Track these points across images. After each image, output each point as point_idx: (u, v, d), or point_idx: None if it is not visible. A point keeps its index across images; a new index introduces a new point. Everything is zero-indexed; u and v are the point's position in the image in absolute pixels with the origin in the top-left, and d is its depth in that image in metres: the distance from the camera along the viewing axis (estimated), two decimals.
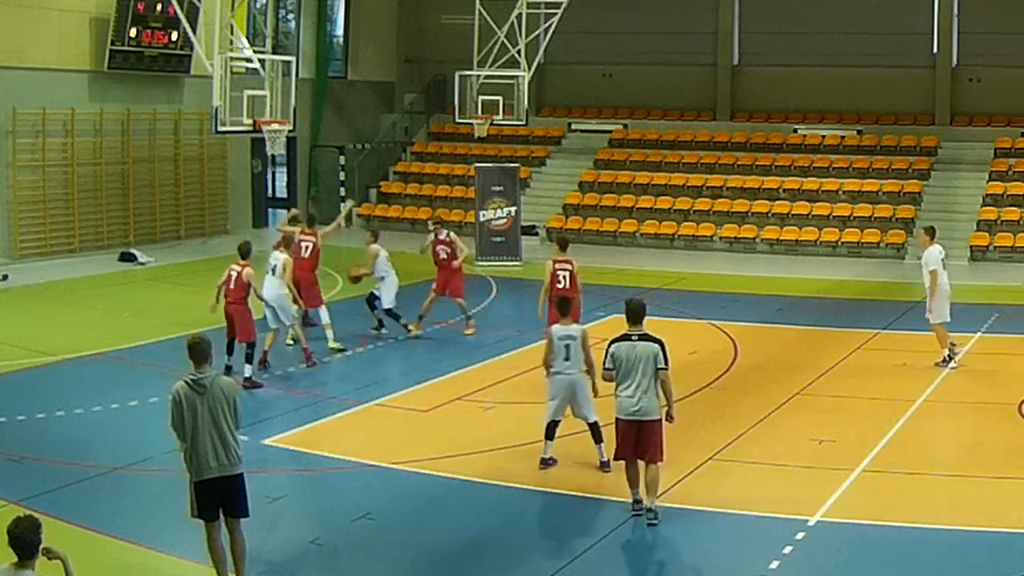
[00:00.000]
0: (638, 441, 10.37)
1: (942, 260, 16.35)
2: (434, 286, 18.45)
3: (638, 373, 10.32)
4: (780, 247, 28.55)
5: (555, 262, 15.74)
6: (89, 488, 11.13)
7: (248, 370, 15.12)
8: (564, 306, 12.18)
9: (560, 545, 9.84)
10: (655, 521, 10.23)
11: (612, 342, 10.55)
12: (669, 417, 10.56)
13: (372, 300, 18.32)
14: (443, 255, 18.38)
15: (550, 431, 11.93)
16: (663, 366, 10.37)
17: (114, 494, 11.05)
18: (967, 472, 11.69)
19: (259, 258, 16.31)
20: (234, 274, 15.18)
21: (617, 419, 10.52)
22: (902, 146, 30.47)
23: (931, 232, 16.59)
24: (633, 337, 10.48)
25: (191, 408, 8.54)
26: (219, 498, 8.67)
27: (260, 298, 15.59)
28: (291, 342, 16.97)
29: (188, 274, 24.22)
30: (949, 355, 16.05)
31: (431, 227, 18.99)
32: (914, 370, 16.05)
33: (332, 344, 17.18)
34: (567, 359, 11.67)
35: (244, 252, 15.38)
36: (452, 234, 18.62)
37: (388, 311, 18.06)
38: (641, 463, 10.44)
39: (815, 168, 30.56)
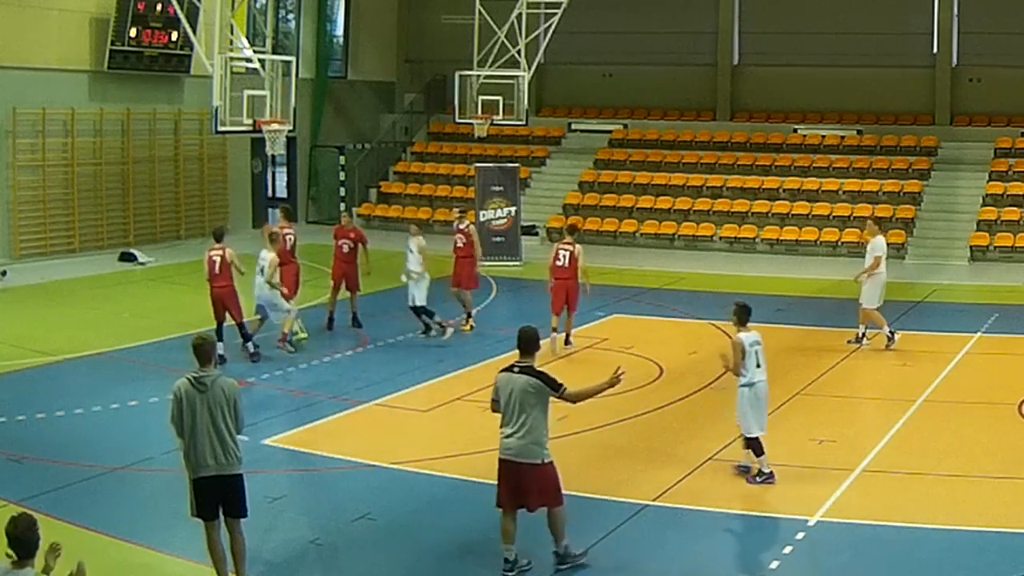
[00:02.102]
0: (517, 487, 9.17)
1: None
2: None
3: (513, 409, 9.13)
4: (780, 247, 28.55)
5: (559, 244, 17.13)
6: (89, 488, 11.13)
7: (252, 346, 16.11)
8: (744, 313, 11.39)
9: None
10: (564, 567, 9.29)
11: (501, 371, 9.54)
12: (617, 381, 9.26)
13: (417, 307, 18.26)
14: (459, 243, 18.79)
15: (759, 447, 11.31)
16: (555, 392, 9.15)
17: (114, 494, 11.05)
18: (967, 472, 11.68)
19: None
20: (217, 259, 15.66)
21: (499, 459, 9.32)
22: (902, 146, 30.48)
23: (879, 222, 18.22)
24: (515, 369, 9.32)
25: (191, 406, 8.55)
26: (217, 497, 8.67)
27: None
28: (302, 336, 17.32)
29: (188, 274, 24.16)
30: (890, 332, 17.22)
31: (456, 215, 19.70)
32: (914, 370, 16.06)
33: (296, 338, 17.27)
34: (758, 365, 11.28)
35: (219, 235, 16.24)
36: (471, 227, 19.19)
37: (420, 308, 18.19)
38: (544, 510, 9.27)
39: (815, 168, 30.56)
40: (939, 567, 9.39)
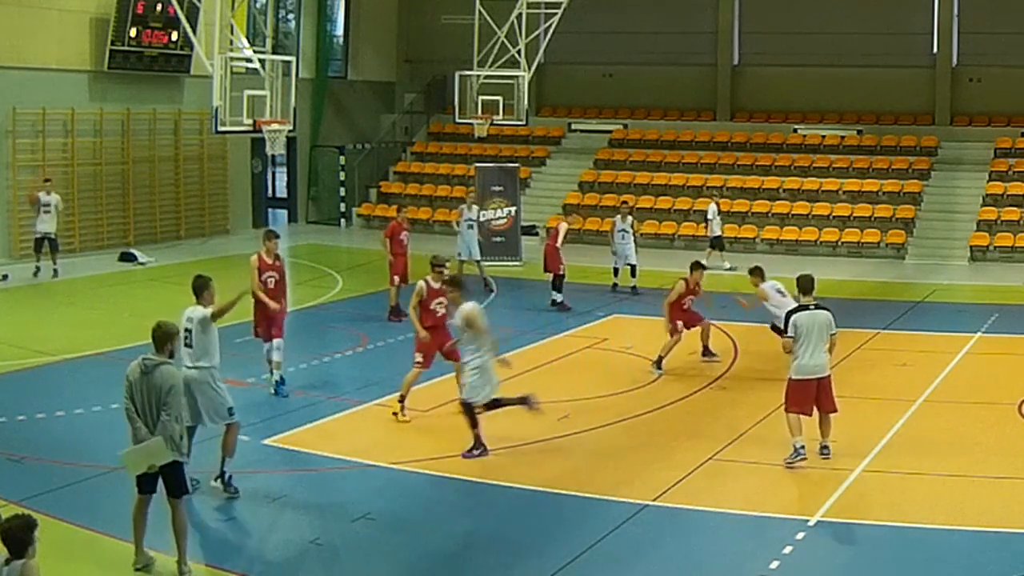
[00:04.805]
0: (816, 396, 11.87)
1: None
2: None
3: (818, 338, 11.80)
4: (780, 247, 28.54)
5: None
6: (89, 488, 11.12)
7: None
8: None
9: (560, 545, 9.82)
10: (825, 455, 11.85)
11: (795, 312, 12.05)
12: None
13: None
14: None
15: None
16: (834, 332, 11.93)
17: (114, 494, 11.01)
18: (967, 472, 11.68)
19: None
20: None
21: (800, 379, 11.88)
22: (902, 146, 30.48)
23: (761, 272, 16.32)
24: (810, 307, 11.96)
25: (136, 386, 9.13)
26: (153, 479, 9.19)
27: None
28: None
29: (188, 274, 23.91)
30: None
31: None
32: (914, 370, 16.05)
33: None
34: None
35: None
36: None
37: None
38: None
39: (815, 168, 30.57)
40: (939, 567, 9.39)
